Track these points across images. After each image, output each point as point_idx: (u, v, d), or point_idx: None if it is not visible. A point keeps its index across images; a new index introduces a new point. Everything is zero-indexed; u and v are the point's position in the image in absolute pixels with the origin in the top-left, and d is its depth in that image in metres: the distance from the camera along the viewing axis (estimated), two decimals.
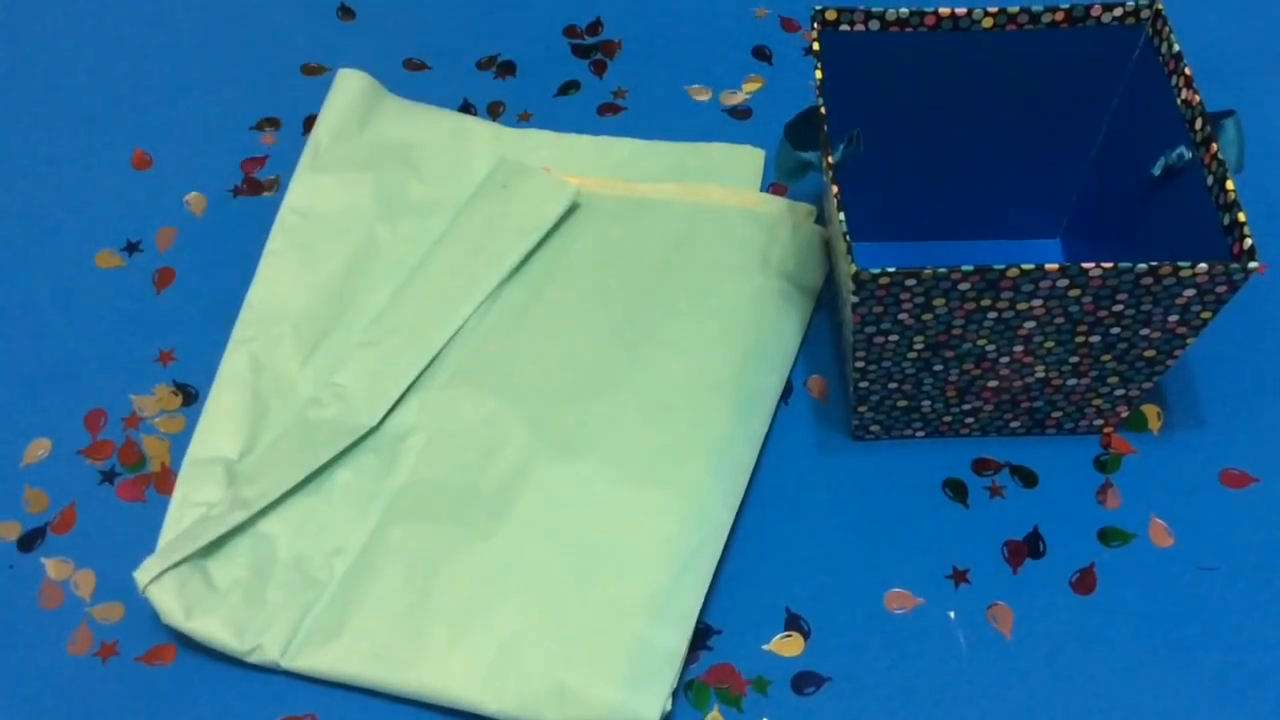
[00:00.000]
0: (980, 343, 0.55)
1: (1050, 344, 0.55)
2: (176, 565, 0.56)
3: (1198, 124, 0.55)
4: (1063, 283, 0.51)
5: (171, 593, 0.55)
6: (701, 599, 0.56)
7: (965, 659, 0.56)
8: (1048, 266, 0.51)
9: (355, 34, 0.75)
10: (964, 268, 0.50)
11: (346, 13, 0.77)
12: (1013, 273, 0.51)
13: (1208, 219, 0.54)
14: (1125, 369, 0.57)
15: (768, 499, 0.60)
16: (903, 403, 0.58)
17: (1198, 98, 0.55)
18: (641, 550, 0.57)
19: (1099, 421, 0.61)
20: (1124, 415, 0.60)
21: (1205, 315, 0.54)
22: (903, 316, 0.53)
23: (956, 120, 0.61)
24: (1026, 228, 0.66)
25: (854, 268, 0.50)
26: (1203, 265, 0.51)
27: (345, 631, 0.56)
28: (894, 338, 0.54)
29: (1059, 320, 0.53)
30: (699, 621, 0.57)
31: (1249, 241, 0.52)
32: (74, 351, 0.65)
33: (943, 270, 0.51)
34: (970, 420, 0.60)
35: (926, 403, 0.59)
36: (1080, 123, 0.62)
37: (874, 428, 0.60)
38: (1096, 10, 0.58)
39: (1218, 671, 0.56)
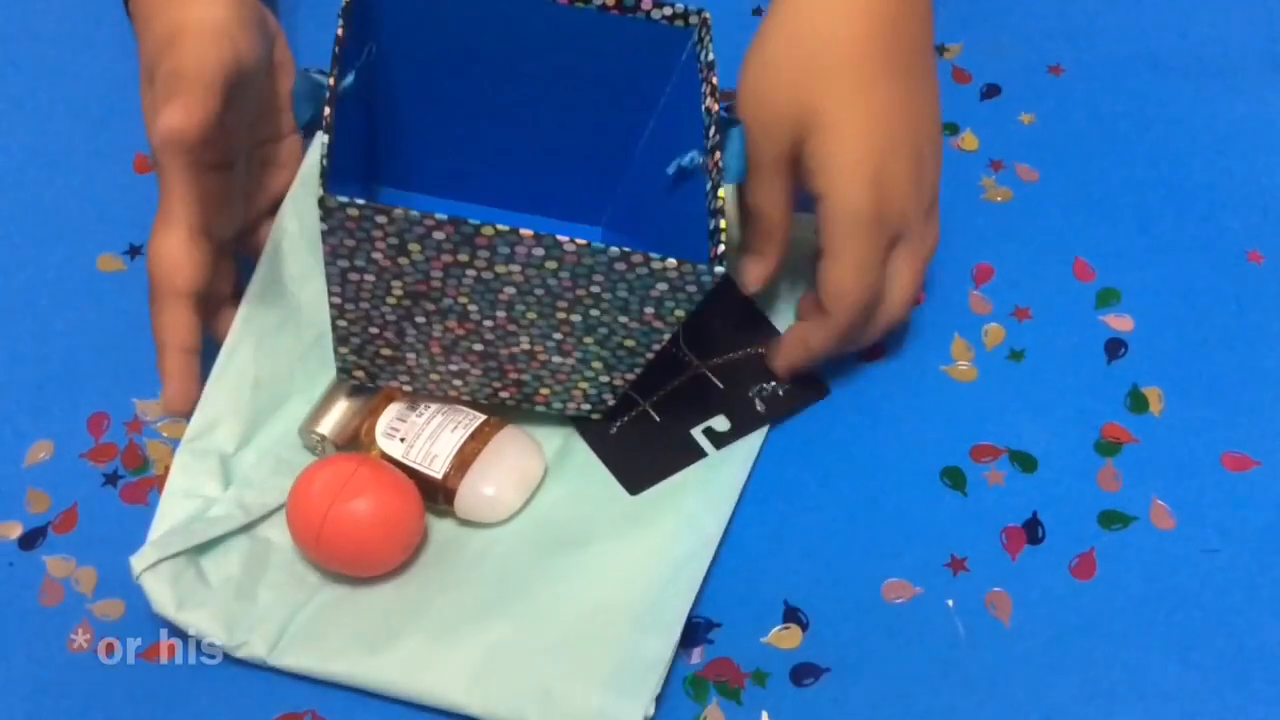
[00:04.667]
0: (462, 300, 0.54)
1: (533, 315, 0.54)
2: (173, 556, 0.56)
3: (711, 131, 0.55)
4: (539, 252, 0.51)
5: (166, 583, 0.56)
6: (688, 608, 0.56)
7: (964, 647, 0.56)
8: (523, 232, 0.50)
9: None
10: (439, 216, 0.49)
11: None
12: (488, 231, 0.50)
13: (704, 221, 0.54)
14: (608, 355, 0.57)
15: (765, 492, 0.60)
16: (386, 351, 0.57)
17: (716, 106, 0.56)
18: (629, 558, 0.57)
19: (587, 406, 0.60)
20: (610, 403, 0.60)
21: (679, 313, 0.54)
22: (377, 256, 0.51)
23: (510, 87, 0.61)
24: (572, 211, 0.66)
25: (322, 193, 0.49)
26: (671, 261, 0.51)
27: (333, 632, 0.56)
28: (370, 278, 0.53)
29: (539, 292, 0.53)
30: (698, 618, 0.57)
31: (722, 248, 0.52)
32: (76, 355, 0.65)
33: (415, 214, 0.49)
34: (458, 383, 0.59)
35: (411, 356, 0.58)
36: (628, 115, 0.62)
37: (358, 372, 0.59)
38: (647, 4, 0.58)
39: (1220, 655, 0.55)
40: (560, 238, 0.51)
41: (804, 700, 0.55)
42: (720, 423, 0.62)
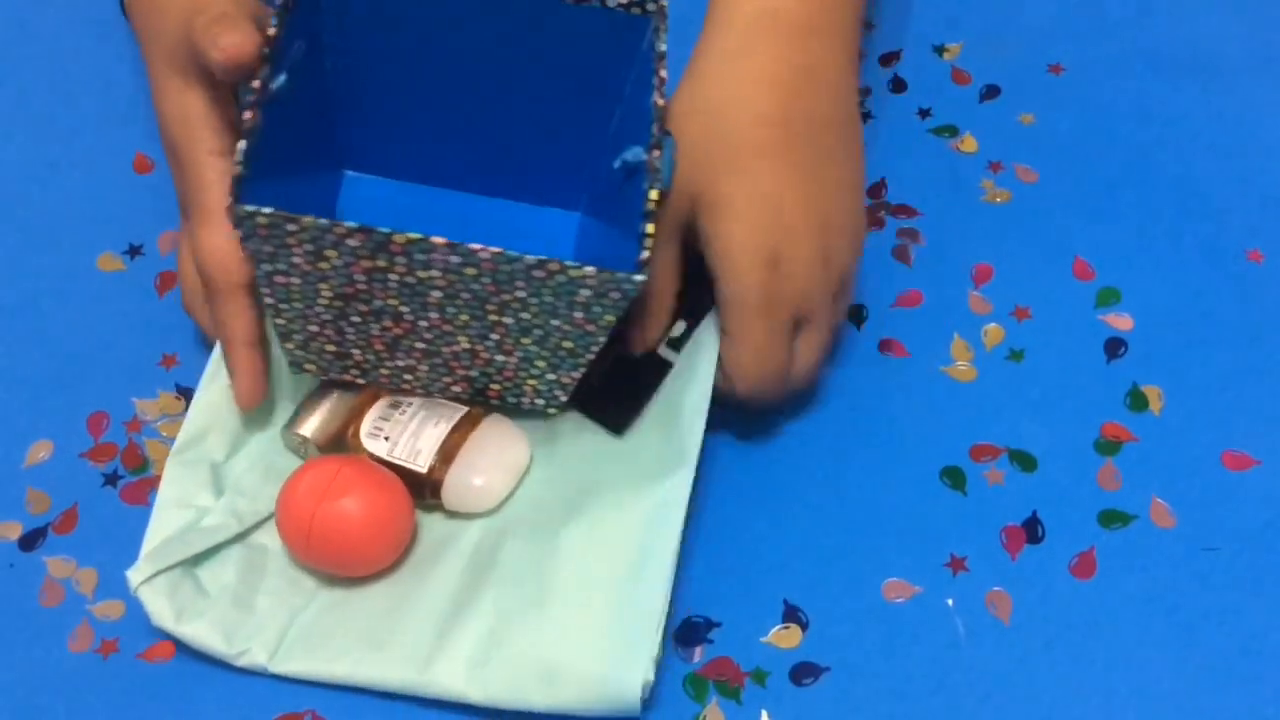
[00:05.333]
0: (391, 302, 0.53)
1: (465, 317, 0.53)
2: (169, 569, 0.56)
3: (655, 129, 0.54)
4: (455, 259, 0.50)
5: (164, 595, 0.56)
6: (676, 545, 0.55)
7: (964, 647, 0.56)
8: (435, 240, 0.49)
9: None
10: (349, 224, 0.49)
11: None
12: (400, 239, 0.49)
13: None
14: (549, 355, 0.56)
15: (764, 491, 0.60)
16: (330, 348, 0.57)
17: (662, 102, 0.55)
18: (617, 512, 0.57)
19: (540, 402, 0.60)
20: (563, 399, 0.59)
21: (609, 318, 0.53)
22: (297, 261, 0.51)
23: (476, 74, 0.60)
24: (549, 196, 0.65)
25: (229, 201, 0.49)
26: (590, 270, 0.50)
27: (332, 634, 0.56)
28: (295, 280, 0.52)
29: (466, 295, 0.52)
30: (697, 617, 0.57)
31: (646, 254, 0.51)
32: (76, 355, 0.65)
33: (325, 222, 0.49)
34: (409, 377, 0.59)
35: (356, 352, 0.57)
36: (596, 101, 0.61)
37: (308, 365, 0.59)
38: None
39: (1220, 654, 0.55)
40: (474, 246, 0.50)
41: (804, 700, 0.55)
42: (677, 328, 0.61)
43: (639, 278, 0.51)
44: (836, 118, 0.60)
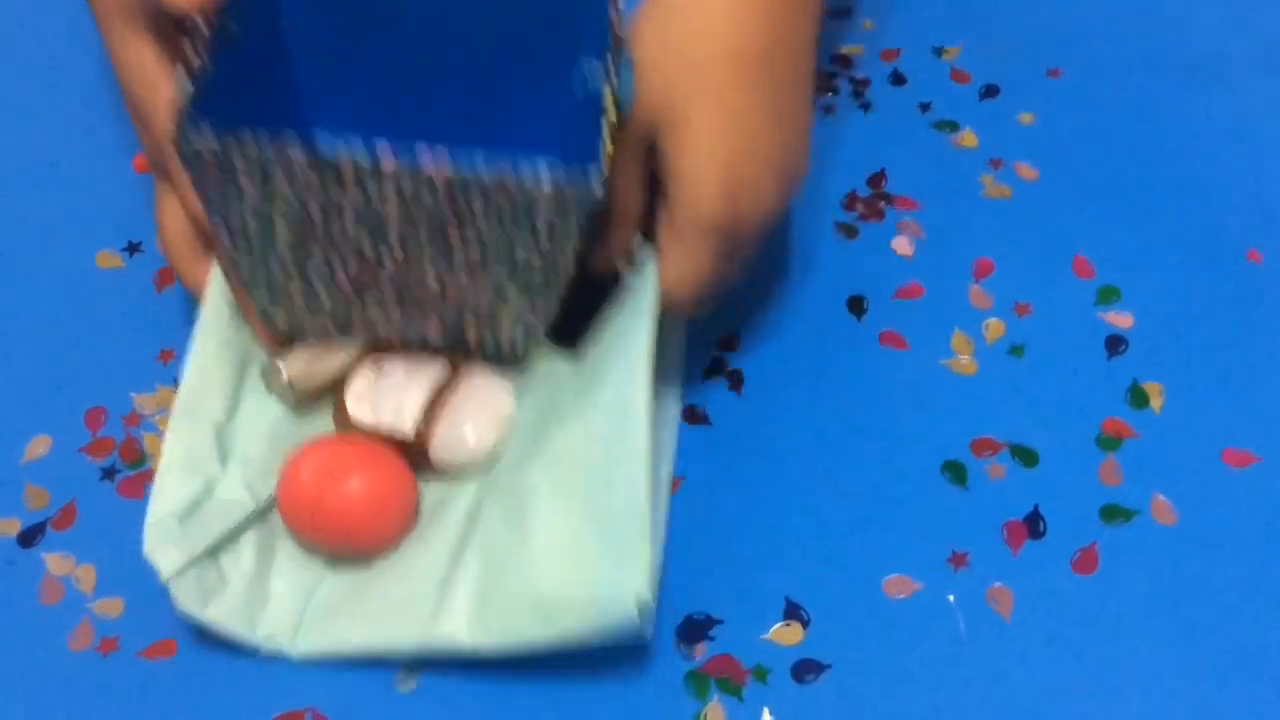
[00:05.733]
0: (350, 233, 0.52)
1: (427, 246, 0.52)
2: (199, 558, 0.55)
3: (611, 40, 0.54)
4: (407, 184, 0.49)
5: (191, 581, 0.55)
6: (646, 460, 0.54)
7: (965, 642, 0.56)
8: (384, 165, 0.48)
9: None
10: (296, 148, 0.48)
11: None
12: (348, 168, 0.48)
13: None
14: (520, 283, 0.54)
15: (764, 487, 0.60)
16: (297, 295, 0.56)
17: (618, 16, 0.54)
18: (589, 426, 0.56)
19: (520, 333, 0.58)
20: (540, 330, 0.58)
21: (572, 239, 0.52)
22: (251, 196, 0.50)
23: (448, 19, 0.60)
24: (522, 142, 0.63)
25: (176, 136, 0.48)
26: (545, 184, 0.49)
27: (344, 611, 0.56)
28: (251, 222, 0.51)
29: (426, 220, 0.51)
30: (698, 615, 0.56)
31: (603, 170, 0.50)
32: (74, 350, 0.65)
33: (270, 148, 0.48)
34: (384, 325, 0.58)
35: (324, 299, 0.56)
36: (564, 37, 0.59)
37: (279, 318, 0.57)
38: None
39: (1221, 650, 0.55)
40: (426, 168, 0.48)
41: (805, 696, 0.54)
42: (641, 248, 0.60)
43: (594, 188, 0.49)
44: (806, 53, 0.59)
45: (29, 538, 0.60)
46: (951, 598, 0.57)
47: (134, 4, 0.57)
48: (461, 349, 0.60)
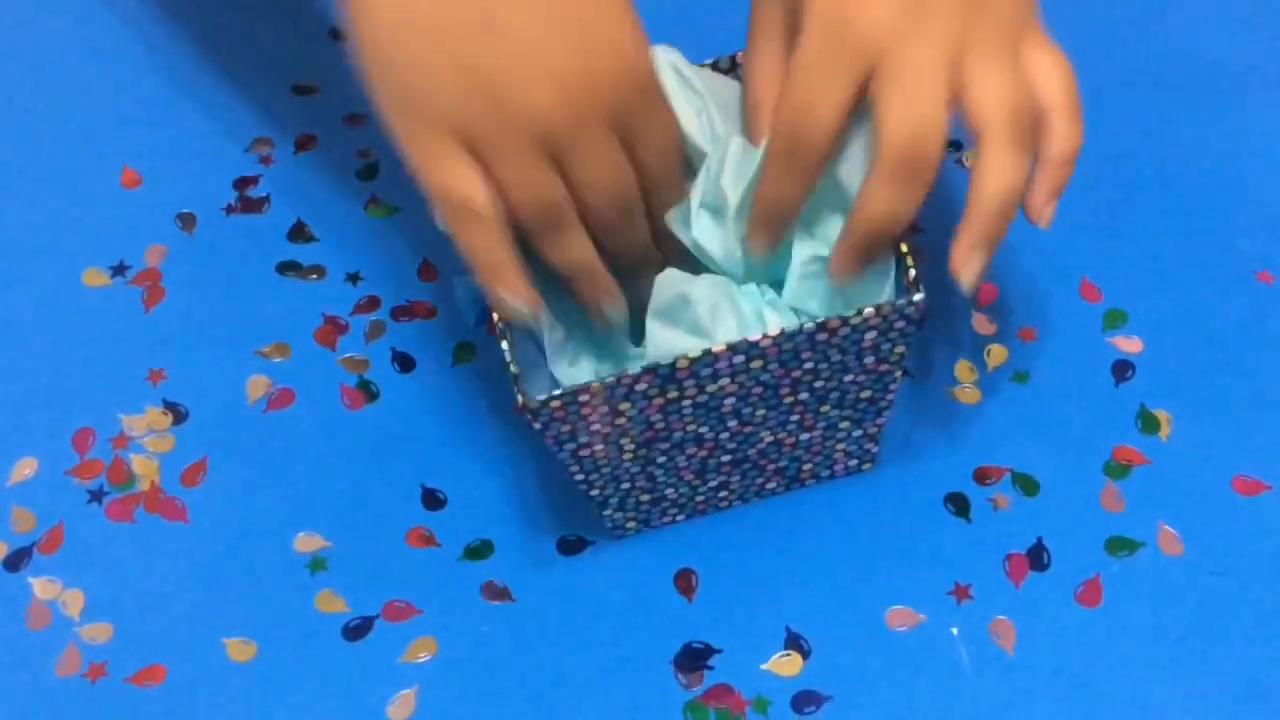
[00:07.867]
0: (691, 428, 0.53)
1: (762, 412, 0.53)
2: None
3: None
4: (739, 359, 0.50)
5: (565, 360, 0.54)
6: None
7: (968, 676, 0.55)
8: (716, 349, 0.49)
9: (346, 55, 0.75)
10: (634, 371, 0.49)
11: (338, 34, 0.77)
12: (683, 363, 0.49)
13: None
14: (850, 413, 0.56)
15: (763, 517, 0.60)
16: (645, 498, 0.57)
17: None
18: None
19: (854, 462, 0.60)
20: (874, 450, 0.59)
21: (899, 349, 0.52)
22: (596, 427, 0.51)
23: None
24: None
25: (522, 400, 0.49)
26: (869, 310, 0.50)
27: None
28: (599, 447, 0.53)
29: (758, 390, 0.52)
30: (698, 644, 0.56)
31: (913, 272, 0.51)
32: (61, 371, 0.65)
33: (611, 379, 0.49)
34: (724, 493, 0.59)
35: (670, 491, 0.57)
36: None
37: (630, 524, 0.59)
38: None
39: (1228, 684, 0.54)
40: (752, 338, 0.49)
41: None
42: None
43: (918, 297, 0.50)
44: None
45: (15, 562, 0.59)
46: (955, 630, 0.56)
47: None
48: (798, 488, 0.61)
